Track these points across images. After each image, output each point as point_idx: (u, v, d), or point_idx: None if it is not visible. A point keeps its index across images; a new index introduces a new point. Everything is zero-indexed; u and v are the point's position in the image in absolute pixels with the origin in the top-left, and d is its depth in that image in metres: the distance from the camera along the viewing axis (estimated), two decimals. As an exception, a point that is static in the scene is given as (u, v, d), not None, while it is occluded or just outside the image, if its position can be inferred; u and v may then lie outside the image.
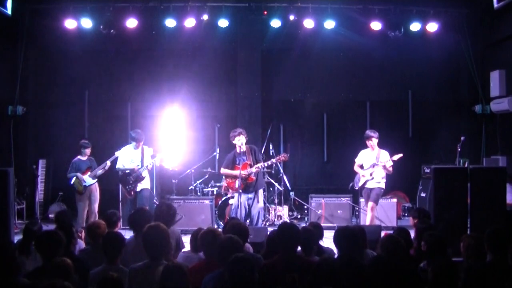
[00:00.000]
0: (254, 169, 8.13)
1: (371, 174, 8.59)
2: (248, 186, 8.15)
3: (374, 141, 8.67)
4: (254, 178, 8.15)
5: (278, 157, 8.41)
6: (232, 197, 9.17)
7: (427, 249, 4.70)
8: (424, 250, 4.76)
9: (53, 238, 4.35)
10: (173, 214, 5.82)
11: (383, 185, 8.64)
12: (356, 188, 8.94)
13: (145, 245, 4.21)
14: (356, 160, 8.86)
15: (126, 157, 8.79)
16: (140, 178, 8.66)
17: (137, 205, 8.45)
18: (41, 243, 4.34)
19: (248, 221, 8.05)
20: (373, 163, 8.59)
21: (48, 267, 3.77)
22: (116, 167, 8.85)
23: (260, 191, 8.37)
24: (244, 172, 8.06)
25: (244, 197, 8.14)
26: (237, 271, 3.63)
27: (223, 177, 8.78)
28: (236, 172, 8.13)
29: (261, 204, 8.36)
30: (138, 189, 8.67)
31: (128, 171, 8.67)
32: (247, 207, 8.14)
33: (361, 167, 8.76)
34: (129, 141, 8.98)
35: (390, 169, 8.52)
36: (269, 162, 8.38)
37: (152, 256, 4.18)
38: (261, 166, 8.17)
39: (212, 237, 4.46)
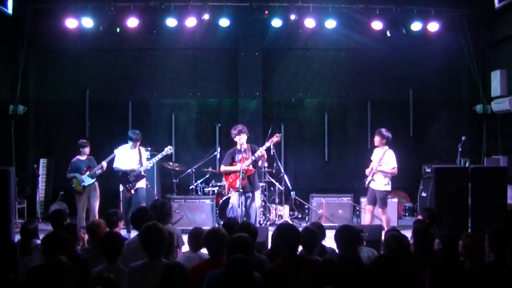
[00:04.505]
0: (252, 158, 7.96)
1: (372, 175, 8.49)
2: (246, 186, 8.07)
3: (376, 139, 8.61)
4: (253, 169, 8.06)
5: (271, 139, 8.20)
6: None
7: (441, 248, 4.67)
8: (436, 249, 4.75)
9: (60, 238, 4.36)
10: (168, 211, 5.81)
11: (387, 188, 8.47)
12: (366, 186, 8.74)
13: (143, 244, 4.22)
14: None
15: (123, 157, 8.81)
16: (140, 177, 8.71)
17: (133, 204, 8.49)
18: (48, 243, 4.35)
19: (244, 219, 8.02)
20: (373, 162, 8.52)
21: (45, 266, 3.76)
22: (114, 166, 8.84)
23: (258, 192, 8.33)
24: (243, 165, 7.96)
25: (242, 197, 8.10)
26: (235, 271, 3.65)
27: (224, 176, 8.61)
28: (235, 168, 8.08)
29: (258, 203, 8.32)
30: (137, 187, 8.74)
31: (127, 171, 8.69)
32: (243, 208, 8.12)
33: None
34: (128, 141, 8.96)
35: (389, 171, 8.38)
36: (264, 147, 8.12)
37: (150, 255, 4.19)
38: (258, 154, 7.94)
39: (217, 236, 4.45)
